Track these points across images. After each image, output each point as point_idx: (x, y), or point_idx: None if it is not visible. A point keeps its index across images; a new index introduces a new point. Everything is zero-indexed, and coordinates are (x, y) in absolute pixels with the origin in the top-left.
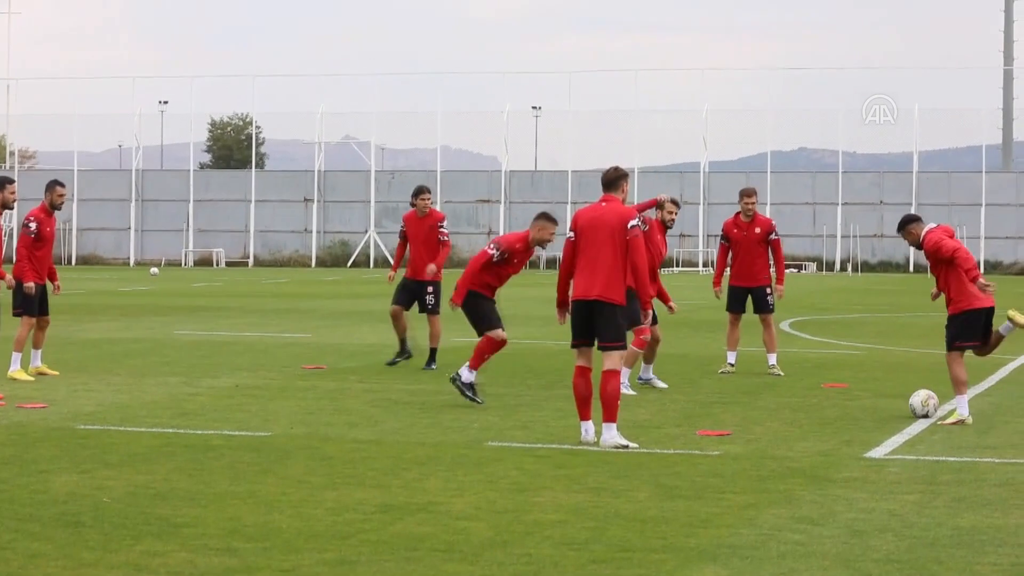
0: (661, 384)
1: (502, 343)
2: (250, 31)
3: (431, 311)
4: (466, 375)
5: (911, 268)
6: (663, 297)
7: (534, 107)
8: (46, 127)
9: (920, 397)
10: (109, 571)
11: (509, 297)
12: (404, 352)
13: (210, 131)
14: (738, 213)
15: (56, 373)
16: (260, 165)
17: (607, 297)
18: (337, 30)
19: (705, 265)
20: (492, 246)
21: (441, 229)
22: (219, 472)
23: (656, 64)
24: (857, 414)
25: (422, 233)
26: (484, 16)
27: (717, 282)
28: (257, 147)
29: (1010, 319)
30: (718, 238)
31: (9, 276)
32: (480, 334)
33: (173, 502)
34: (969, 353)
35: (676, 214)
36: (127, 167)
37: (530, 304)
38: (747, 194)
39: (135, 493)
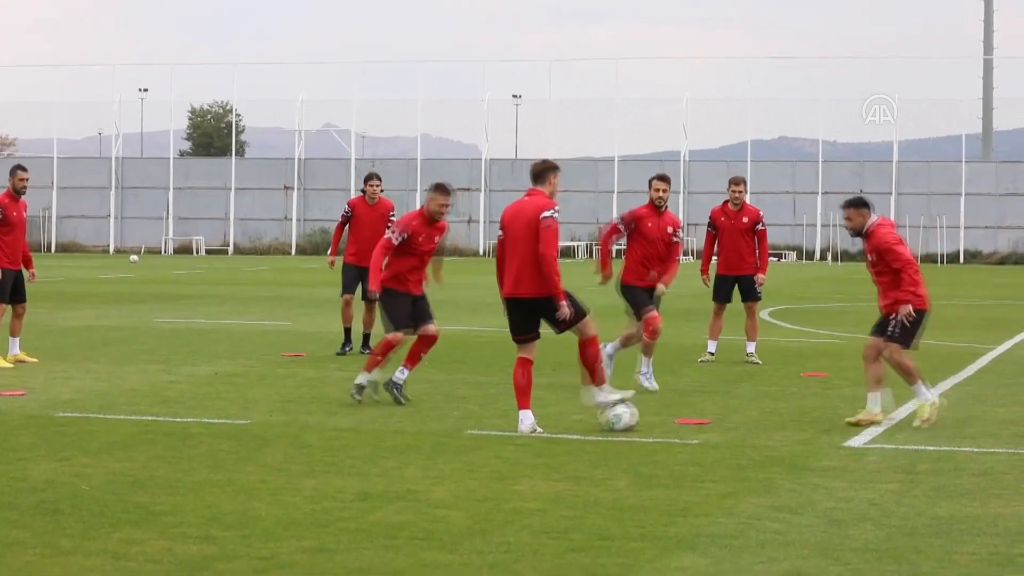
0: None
1: (394, 345)
2: (231, 19)
3: (374, 300)
4: (398, 375)
5: None
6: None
7: (515, 96)
8: (25, 114)
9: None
10: (87, 559)
11: (490, 286)
12: (349, 343)
13: (190, 119)
14: (726, 201)
15: (35, 360)
16: (240, 153)
17: (539, 292)
18: (318, 18)
19: (686, 254)
20: (391, 230)
21: (391, 219)
22: (198, 460)
23: (637, 53)
24: (836, 403)
25: (371, 220)
26: (464, 5)
27: (705, 270)
28: (237, 135)
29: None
30: (704, 226)
31: None
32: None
33: (152, 490)
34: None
35: (665, 191)
36: (107, 155)
37: None
38: (735, 182)
39: (114, 481)
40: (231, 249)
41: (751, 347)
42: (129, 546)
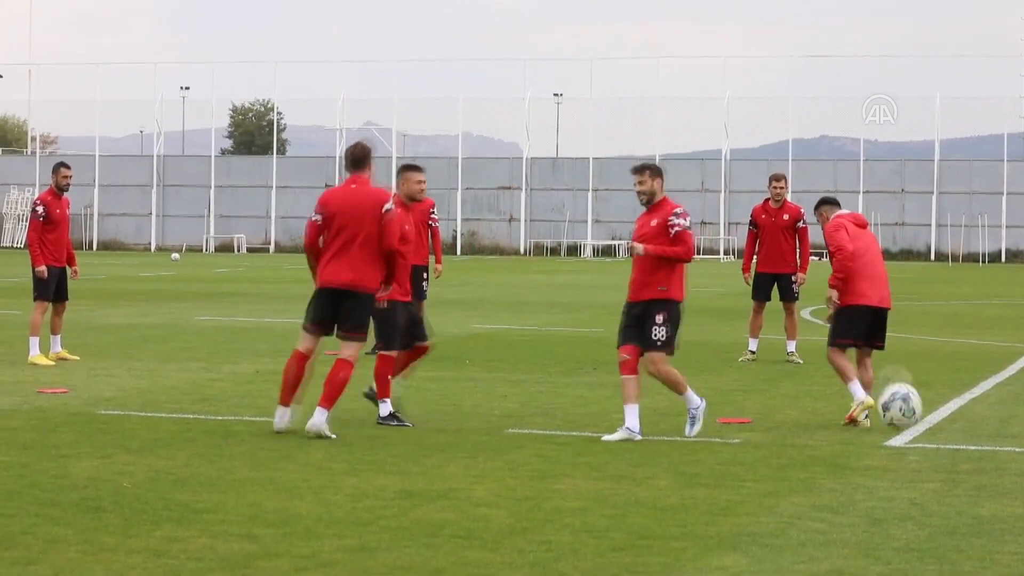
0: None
1: (386, 362)
2: (272, 17)
3: (423, 297)
4: (383, 409)
5: (932, 256)
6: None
7: (555, 94)
8: (67, 112)
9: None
10: (129, 556)
11: (530, 285)
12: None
13: (231, 117)
14: (767, 199)
15: (76, 358)
16: (281, 151)
17: (360, 286)
18: (359, 17)
19: (726, 253)
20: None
21: (432, 215)
22: (239, 458)
23: (678, 51)
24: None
25: (412, 218)
26: (505, 3)
27: (746, 268)
28: (278, 133)
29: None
30: (745, 225)
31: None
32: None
33: (193, 488)
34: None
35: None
36: (148, 153)
37: (552, 291)
38: (776, 178)
39: (155, 478)
40: (272, 247)
41: (791, 346)
42: (171, 544)
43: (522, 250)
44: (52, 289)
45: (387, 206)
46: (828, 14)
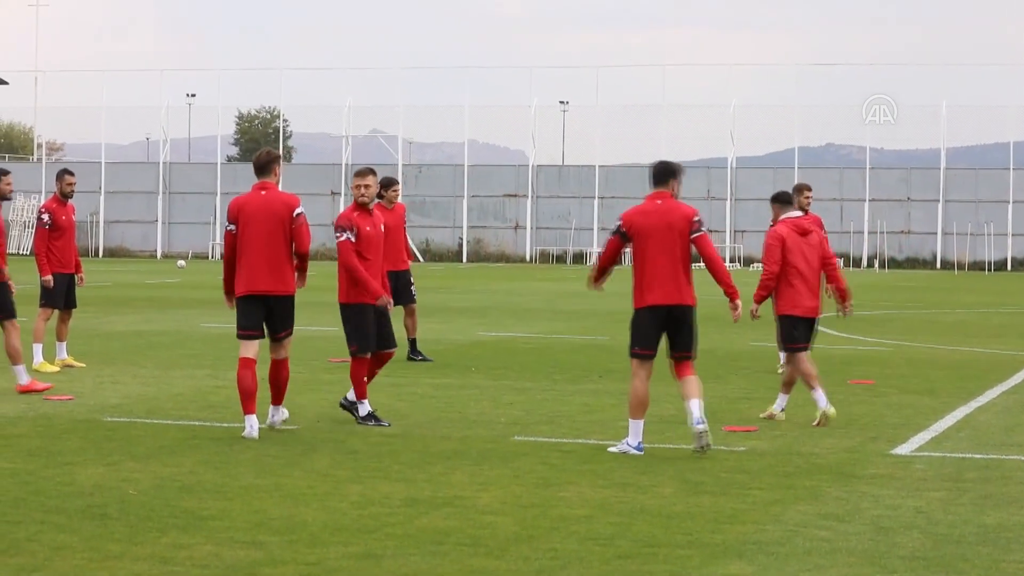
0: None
1: (361, 364)
2: (278, 24)
3: (412, 301)
4: (363, 409)
5: (938, 264)
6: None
7: (561, 102)
8: (73, 119)
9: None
10: (135, 563)
11: (536, 292)
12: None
13: (237, 124)
14: None
15: (82, 365)
16: (287, 158)
17: (284, 290)
18: (364, 24)
19: (733, 261)
20: (339, 231)
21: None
22: (245, 465)
23: (683, 59)
24: (883, 410)
25: (393, 225)
26: (510, 11)
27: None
28: (284, 140)
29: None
30: (751, 233)
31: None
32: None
33: (199, 495)
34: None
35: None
36: (154, 160)
37: (558, 299)
38: (801, 190)
39: (161, 486)
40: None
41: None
42: (176, 551)
43: (528, 258)
44: (61, 296)
45: (298, 210)
46: (834, 22)
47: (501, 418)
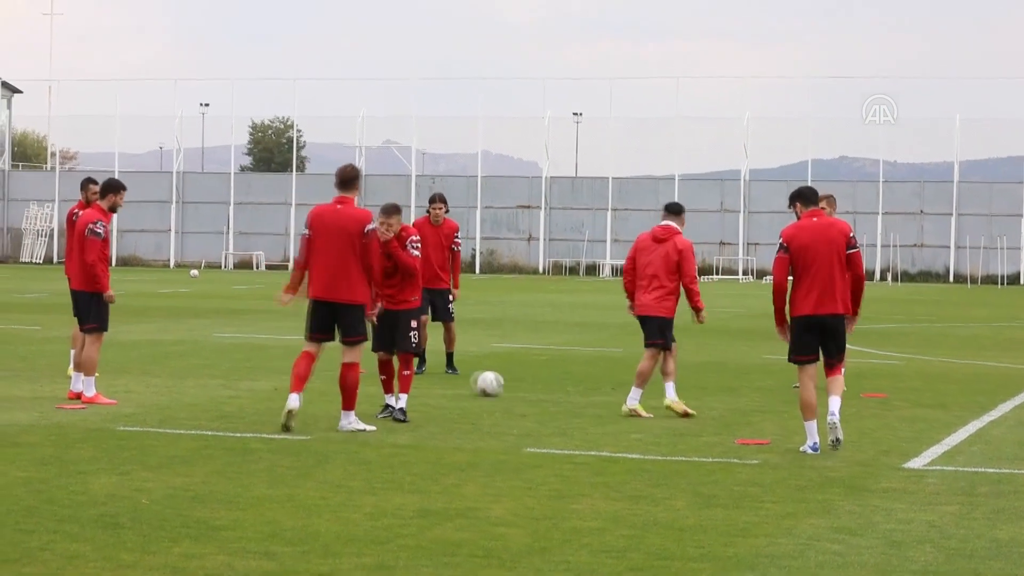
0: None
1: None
2: (292, 34)
3: (451, 318)
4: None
5: (951, 278)
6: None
7: (575, 113)
8: (87, 128)
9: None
10: (147, 573)
11: (549, 304)
12: (423, 363)
13: (251, 134)
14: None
15: (114, 402)
16: (301, 168)
17: (348, 299)
18: (378, 34)
19: (745, 273)
20: (414, 244)
21: (456, 239)
22: (258, 475)
23: (697, 71)
24: (896, 424)
25: (436, 242)
26: (524, 22)
27: None
28: (298, 150)
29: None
30: (764, 246)
31: (109, 292)
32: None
33: (212, 505)
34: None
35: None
36: (168, 169)
37: (571, 310)
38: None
39: (174, 495)
40: (291, 264)
41: None
42: (189, 561)
43: (541, 269)
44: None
45: (369, 227)
46: (848, 36)
47: (514, 430)
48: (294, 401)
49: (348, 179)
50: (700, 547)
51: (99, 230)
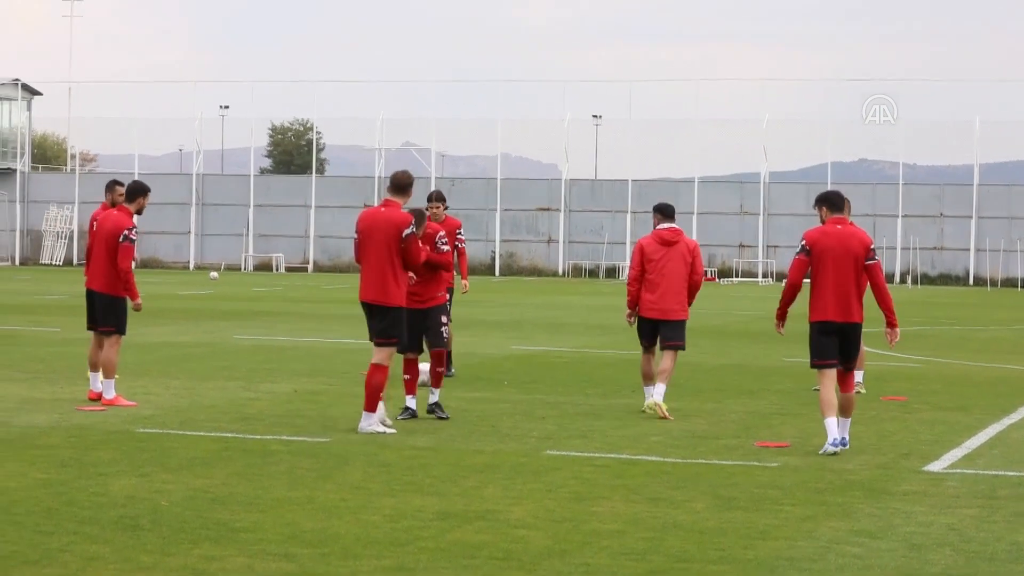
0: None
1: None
2: (311, 37)
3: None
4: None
5: (971, 281)
6: None
7: (595, 116)
8: (107, 130)
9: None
10: (167, 575)
11: (568, 306)
12: (451, 366)
13: (271, 136)
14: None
15: (134, 404)
16: (320, 171)
17: (383, 301)
18: (398, 37)
19: (765, 276)
20: (443, 240)
21: (459, 235)
22: (277, 477)
23: (717, 74)
24: (916, 427)
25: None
26: (543, 24)
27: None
28: (317, 152)
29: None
30: (783, 248)
31: (139, 301)
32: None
33: (231, 507)
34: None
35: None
36: (187, 171)
37: (590, 313)
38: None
39: (193, 497)
40: (311, 267)
41: (858, 376)
42: (209, 562)
43: (560, 272)
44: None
45: (406, 231)
46: (867, 38)
47: (534, 432)
48: (367, 422)
49: (400, 184)
50: (720, 550)
51: (133, 236)
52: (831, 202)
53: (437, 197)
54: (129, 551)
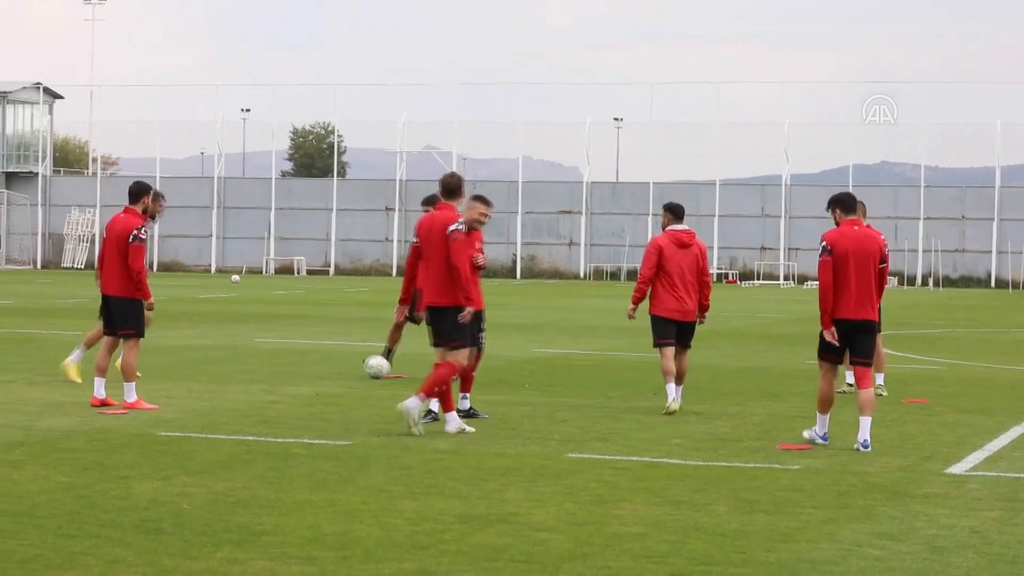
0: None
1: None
2: (333, 40)
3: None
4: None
5: (992, 283)
6: None
7: (616, 119)
8: (128, 134)
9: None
10: None
11: (590, 309)
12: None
13: (292, 139)
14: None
15: (156, 407)
16: (342, 174)
17: (443, 303)
18: (419, 40)
19: (786, 279)
20: (461, 225)
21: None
22: (299, 480)
23: (738, 76)
24: (938, 429)
25: None
26: (563, 27)
27: None
28: (339, 156)
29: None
30: (805, 251)
31: (152, 301)
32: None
33: (253, 510)
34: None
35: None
36: (209, 174)
37: (612, 316)
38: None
39: (216, 500)
40: (332, 270)
41: (879, 378)
42: (231, 566)
43: (582, 274)
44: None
45: (452, 227)
46: (888, 41)
47: (555, 435)
48: (452, 423)
49: (451, 188)
50: (742, 552)
51: (143, 236)
52: (844, 204)
53: (437, 200)
54: (151, 554)
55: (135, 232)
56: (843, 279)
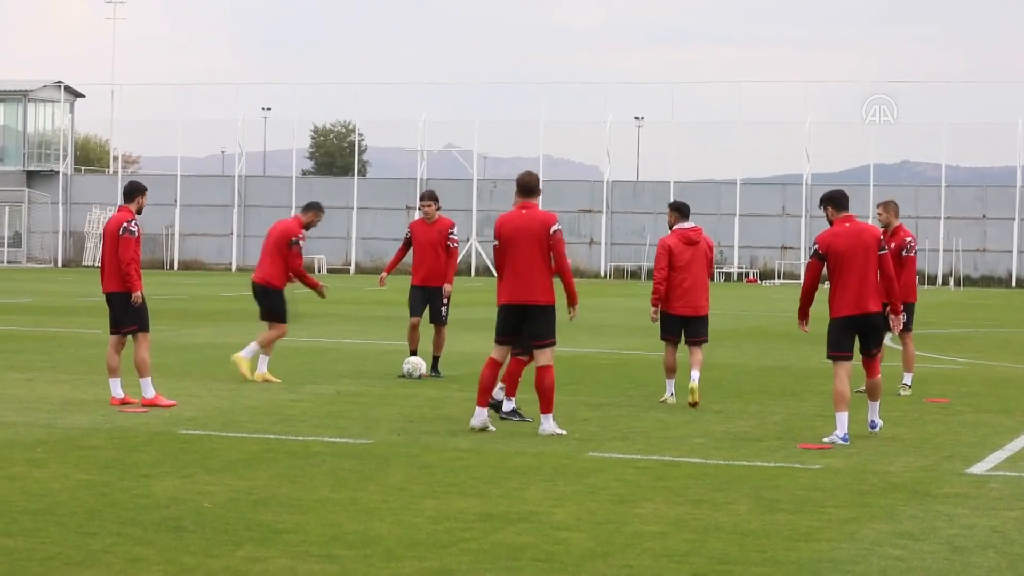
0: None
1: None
2: (353, 39)
3: (443, 322)
4: (507, 405)
5: (1014, 283)
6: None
7: (636, 118)
8: (149, 132)
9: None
10: None
11: (611, 308)
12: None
13: (313, 138)
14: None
15: (174, 403)
16: (362, 172)
17: (536, 301)
18: (440, 39)
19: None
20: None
21: (451, 236)
22: (320, 479)
23: (758, 76)
24: (958, 429)
25: (430, 241)
26: (585, 26)
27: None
28: (359, 154)
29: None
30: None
31: (138, 293)
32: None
33: (274, 508)
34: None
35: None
36: (230, 173)
37: (633, 315)
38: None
39: (236, 499)
40: (353, 268)
41: (907, 378)
42: (251, 564)
43: (602, 273)
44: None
45: (555, 227)
46: (909, 40)
47: (576, 434)
48: (478, 418)
49: (529, 186)
50: (762, 552)
51: (133, 228)
52: (836, 201)
53: (430, 196)
54: (172, 552)
55: (125, 224)
56: (841, 278)
